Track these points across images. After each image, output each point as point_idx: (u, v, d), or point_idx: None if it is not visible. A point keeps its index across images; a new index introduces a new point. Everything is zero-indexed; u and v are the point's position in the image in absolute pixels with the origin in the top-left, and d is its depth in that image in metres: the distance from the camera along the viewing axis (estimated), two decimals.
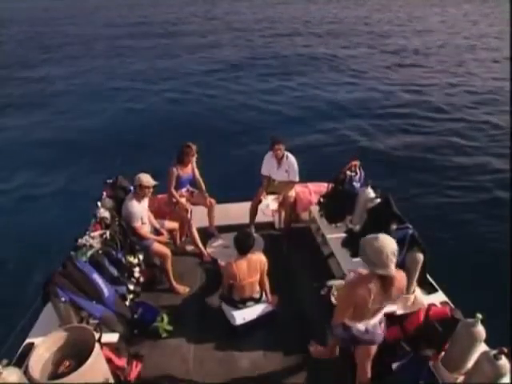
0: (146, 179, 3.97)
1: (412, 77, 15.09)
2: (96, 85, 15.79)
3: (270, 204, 5.04)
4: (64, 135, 10.86)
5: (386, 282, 2.40)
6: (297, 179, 4.84)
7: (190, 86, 14.88)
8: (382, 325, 2.77)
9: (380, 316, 2.71)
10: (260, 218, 5.10)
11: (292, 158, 4.78)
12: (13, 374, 2.31)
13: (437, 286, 3.46)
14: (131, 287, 3.66)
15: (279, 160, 4.78)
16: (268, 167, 4.90)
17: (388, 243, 2.34)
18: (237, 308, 3.61)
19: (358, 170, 4.37)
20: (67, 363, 2.66)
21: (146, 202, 4.17)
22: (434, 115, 11.34)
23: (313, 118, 11.39)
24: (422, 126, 10.64)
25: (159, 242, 4.20)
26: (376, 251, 2.33)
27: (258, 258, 3.57)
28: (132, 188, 4.20)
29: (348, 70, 16.41)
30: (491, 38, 22.48)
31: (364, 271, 2.56)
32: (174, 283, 4.24)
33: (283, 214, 5.06)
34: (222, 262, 4.28)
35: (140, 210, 4.01)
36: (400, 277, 2.50)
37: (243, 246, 3.49)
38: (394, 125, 10.78)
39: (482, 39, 22.35)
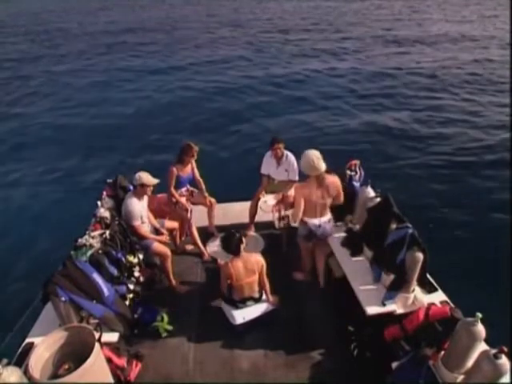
0: (147, 178, 3.98)
1: (416, 76, 15.05)
2: (96, 83, 15.77)
3: (268, 200, 5.04)
4: (64, 135, 10.86)
5: (319, 179, 3.70)
6: (296, 178, 4.84)
7: (190, 87, 14.86)
8: (331, 223, 4.08)
9: (328, 216, 4.02)
10: (260, 217, 5.10)
11: (292, 158, 4.79)
12: (13, 373, 2.31)
13: (436, 286, 3.46)
14: (131, 287, 3.66)
15: (279, 159, 4.79)
16: (267, 166, 4.90)
17: (313, 152, 3.66)
18: (237, 308, 3.62)
19: (357, 169, 4.37)
20: (66, 366, 2.66)
21: (145, 201, 4.17)
22: (435, 113, 11.33)
23: (313, 118, 11.37)
24: (423, 125, 10.63)
25: (159, 241, 4.20)
26: (306, 160, 3.65)
27: (255, 259, 3.58)
28: (131, 187, 4.21)
29: (349, 70, 16.36)
30: (491, 26, 22.48)
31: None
32: (174, 283, 4.25)
33: (283, 213, 5.05)
34: (221, 262, 4.28)
35: (140, 208, 4.02)
36: (333, 178, 3.82)
37: (229, 246, 3.50)
38: (395, 124, 10.76)
39: (482, 27, 22.35)
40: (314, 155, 3.64)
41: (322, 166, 3.64)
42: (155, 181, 4.05)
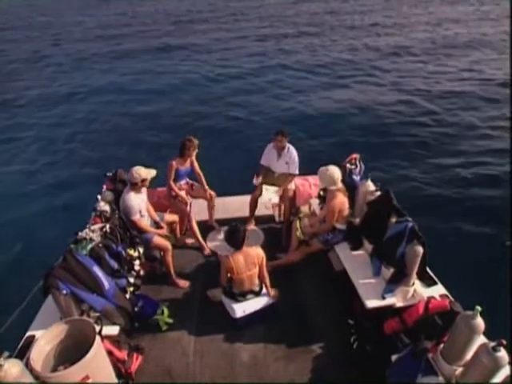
0: (146, 172, 3.96)
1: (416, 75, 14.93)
2: (98, 80, 15.71)
3: (272, 198, 5.03)
4: (64, 130, 10.84)
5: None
6: (296, 172, 4.83)
7: (190, 82, 14.78)
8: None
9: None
10: (260, 211, 5.10)
11: (293, 151, 4.77)
12: (14, 366, 2.31)
13: (436, 279, 3.46)
14: (131, 280, 3.67)
15: (280, 151, 4.77)
16: (268, 158, 4.89)
17: (336, 169, 3.94)
18: (237, 301, 3.63)
19: (357, 163, 4.35)
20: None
21: (144, 193, 4.16)
22: (433, 109, 11.28)
23: (314, 113, 11.31)
24: (420, 119, 10.57)
25: (159, 235, 4.20)
26: (331, 175, 3.90)
27: (256, 252, 3.58)
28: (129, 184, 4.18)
29: (350, 69, 16.22)
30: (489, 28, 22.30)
31: None
32: (174, 276, 4.25)
33: (283, 207, 5.06)
34: (222, 255, 4.28)
35: (138, 202, 4.00)
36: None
37: (233, 240, 3.51)
38: (394, 120, 10.72)
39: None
40: (338, 173, 3.94)
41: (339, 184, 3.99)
42: (153, 172, 4.03)
